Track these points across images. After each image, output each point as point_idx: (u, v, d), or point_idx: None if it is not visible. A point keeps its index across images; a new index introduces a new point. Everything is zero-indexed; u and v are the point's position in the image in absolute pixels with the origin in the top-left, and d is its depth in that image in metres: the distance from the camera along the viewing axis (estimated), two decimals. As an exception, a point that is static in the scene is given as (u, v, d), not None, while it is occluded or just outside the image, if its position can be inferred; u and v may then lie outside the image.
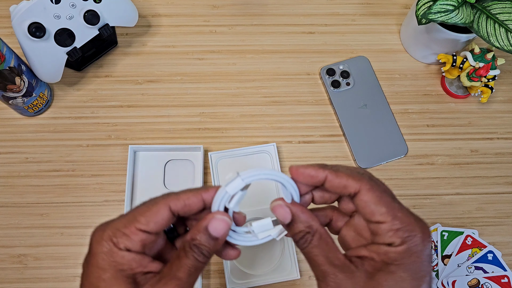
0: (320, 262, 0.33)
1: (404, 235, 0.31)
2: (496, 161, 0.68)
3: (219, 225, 0.33)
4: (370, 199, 0.33)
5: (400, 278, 0.31)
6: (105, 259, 0.32)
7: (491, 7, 0.62)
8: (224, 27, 0.75)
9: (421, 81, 0.72)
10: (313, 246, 0.34)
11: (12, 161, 0.65)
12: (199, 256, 0.33)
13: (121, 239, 0.32)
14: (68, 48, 0.62)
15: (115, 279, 0.32)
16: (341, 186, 0.34)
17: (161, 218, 0.34)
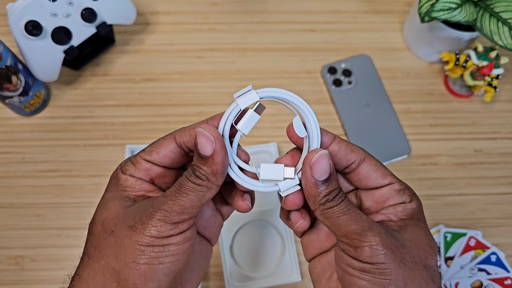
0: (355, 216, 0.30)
1: (410, 193, 0.33)
2: (500, 161, 0.67)
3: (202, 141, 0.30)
4: (377, 164, 0.33)
5: (425, 228, 0.32)
6: (112, 182, 0.33)
7: (494, 5, 0.61)
8: (223, 25, 0.74)
9: (424, 80, 0.71)
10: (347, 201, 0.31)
11: (8, 161, 0.64)
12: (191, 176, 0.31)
13: (127, 167, 0.33)
14: (65, 46, 0.61)
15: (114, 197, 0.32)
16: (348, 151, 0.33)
17: (164, 149, 0.33)
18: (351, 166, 0.33)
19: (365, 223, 0.30)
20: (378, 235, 0.29)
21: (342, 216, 0.30)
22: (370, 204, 0.34)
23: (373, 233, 0.29)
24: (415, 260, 0.30)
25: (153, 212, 0.30)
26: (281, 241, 0.61)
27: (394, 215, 0.32)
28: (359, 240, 0.29)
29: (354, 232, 0.30)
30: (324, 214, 0.31)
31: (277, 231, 0.61)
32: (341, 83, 0.69)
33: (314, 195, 0.31)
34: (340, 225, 0.30)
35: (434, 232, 0.62)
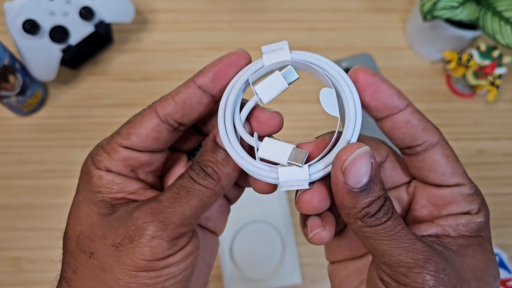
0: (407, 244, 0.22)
1: (479, 200, 0.25)
2: (503, 162, 0.66)
3: None
4: (450, 153, 0.25)
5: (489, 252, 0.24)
6: (82, 179, 0.26)
7: (497, 3, 0.61)
8: (223, 23, 0.73)
9: (426, 79, 0.71)
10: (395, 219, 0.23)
11: (6, 161, 0.64)
12: (197, 175, 0.24)
13: (100, 158, 0.26)
14: (63, 45, 0.61)
15: (86, 201, 0.25)
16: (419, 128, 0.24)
17: (145, 129, 0.25)
18: (416, 148, 0.25)
19: (420, 255, 0.22)
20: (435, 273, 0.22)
21: (388, 241, 0.22)
22: (425, 205, 0.26)
23: (428, 271, 0.22)
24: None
25: (144, 225, 0.23)
26: (282, 243, 0.60)
27: (454, 229, 0.25)
28: (407, 277, 0.22)
29: (402, 265, 0.22)
30: (363, 232, 0.23)
31: (278, 232, 0.60)
32: (342, 82, 0.69)
33: (347, 206, 0.23)
34: (385, 251, 0.22)
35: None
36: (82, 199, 0.25)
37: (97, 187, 0.25)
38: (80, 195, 0.26)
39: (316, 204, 0.24)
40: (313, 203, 0.24)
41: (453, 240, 0.24)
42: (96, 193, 0.25)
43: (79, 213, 0.25)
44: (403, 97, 0.24)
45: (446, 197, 0.25)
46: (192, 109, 0.26)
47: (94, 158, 0.26)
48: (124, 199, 0.25)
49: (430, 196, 0.26)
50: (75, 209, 0.25)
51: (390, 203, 0.23)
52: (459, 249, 0.24)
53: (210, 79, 0.26)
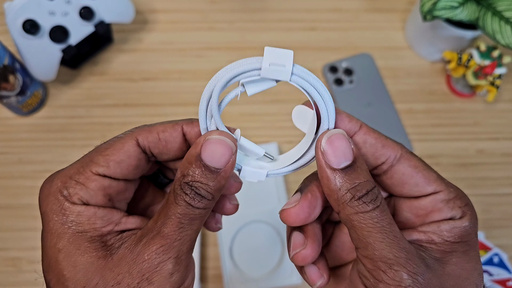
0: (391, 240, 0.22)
1: (462, 205, 0.25)
2: (503, 162, 0.66)
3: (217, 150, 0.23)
4: (418, 164, 0.25)
5: (474, 258, 0.24)
6: (56, 221, 0.23)
7: (497, 3, 0.61)
8: (223, 23, 0.73)
9: (426, 79, 0.71)
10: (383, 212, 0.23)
11: (6, 161, 0.64)
12: (193, 200, 0.23)
13: (73, 190, 0.24)
14: (63, 45, 0.61)
15: (74, 245, 0.23)
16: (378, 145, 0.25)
17: (125, 156, 0.25)
18: (382, 167, 0.25)
19: (403, 253, 0.22)
20: (413, 274, 0.22)
21: (374, 233, 0.22)
22: (408, 217, 0.26)
23: (407, 270, 0.22)
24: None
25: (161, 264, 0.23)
26: (281, 243, 0.60)
27: (438, 235, 0.24)
28: (385, 273, 0.22)
29: (383, 260, 0.22)
30: (351, 220, 0.23)
31: (277, 233, 0.60)
32: (342, 82, 0.69)
33: (333, 189, 0.23)
34: (369, 244, 0.22)
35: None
36: (69, 244, 0.23)
37: (79, 225, 0.23)
38: (64, 239, 0.23)
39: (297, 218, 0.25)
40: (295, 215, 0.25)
41: (437, 247, 0.24)
42: (81, 234, 0.23)
43: (75, 261, 0.23)
44: (354, 120, 0.25)
45: (427, 206, 0.25)
46: (170, 151, 0.26)
47: (64, 191, 0.24)
48: (112, 233, 0.24)
49: (411, 209, 0.26)
50: (65, 256, 0.23)
51: (379, 192, 0.23)
52: (443, 255, 0.24)
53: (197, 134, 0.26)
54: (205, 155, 0.23)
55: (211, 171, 0.23)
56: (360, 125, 0.25)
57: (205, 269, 0.59)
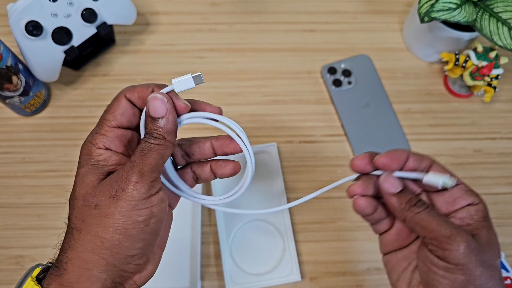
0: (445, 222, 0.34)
1: (475, 194, 0.36)
2: (500, 161, 0.67)
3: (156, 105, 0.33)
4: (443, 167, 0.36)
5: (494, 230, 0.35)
6: (85, 157, 0.34)
7: (494, 5, 0.61)
8: (223, 25, 0.74)
9: (423, 80, 0.71)
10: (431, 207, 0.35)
11: (9, 161, 0.64)
12: (149, 139, 0.33)
13: (98, 139, 0.34)
14: (65, 46, 0.61)
15: (90, 172, 0.33)
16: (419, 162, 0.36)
17: (124, 109, 0.35)
18: None
19: (454, 229, 0.33)
20: (465, 241, 0.32)
21: (431, 221, 0.34)
22: (441, 205, 0.37)
23: (461, 238, 0.32)
24: (490, 262, 0.33)
25: (129, 177, 0.32)
26: (281, 241, 0.61)
27: (469, 219, 0.35)
28: (448, 244, 0.33)
29: (444, 236, 0.33)
30: (414, 219, 0.35)
31: (277, 231, 0.61)
32: (341, 83, 0.69)
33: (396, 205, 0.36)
34: (431, 228, 0.34)
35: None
36: (86, 171, 0.34)
37: (97, 161, 0.34)
38: (84, 168, 0.34)
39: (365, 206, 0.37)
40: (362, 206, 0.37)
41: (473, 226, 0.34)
42: (96, 165, 0.34)
43: (85, 180, 0.33)
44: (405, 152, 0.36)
45: (453, 195, 0.36)
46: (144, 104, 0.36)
47: (93, 141, 0.34)
48: (115, 169, 0.34)
49: (442, 198, 0.37)
50: (80, 178, 0.34)
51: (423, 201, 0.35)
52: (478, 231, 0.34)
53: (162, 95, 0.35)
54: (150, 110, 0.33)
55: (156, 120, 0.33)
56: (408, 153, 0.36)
57: (206, 267, 0.60)
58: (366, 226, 0.62)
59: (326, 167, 0.66)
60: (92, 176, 0.33)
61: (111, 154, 0.34)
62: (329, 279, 0.60)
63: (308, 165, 0.66)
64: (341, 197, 0.64)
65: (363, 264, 0.61)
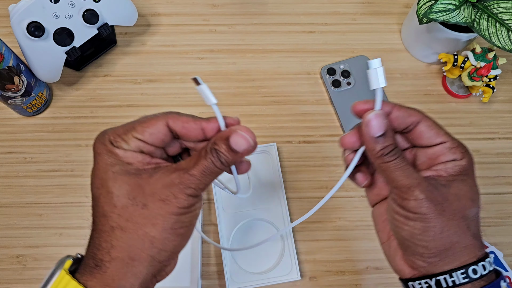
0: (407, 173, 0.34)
1: (463, 151, 0.36)
2: (498, 161, 0.67)
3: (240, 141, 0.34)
4: (432, 124, 0.36)
5: (470, 184, 0.35)
6: (110, 156, 0.33)
7: (492, 6, 0.61)
8: (224, 26, 0.74)
9: (422, 80, 0.72)
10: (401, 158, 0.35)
11: (11, 161, 0.65)
12: (216, 162, 0.34)
13: (120, 143, 0.34)
14: (67, 47, 0.62)
15: (124, 170, 0.33)
16: (406, 116, 0.36)
17: (157, 131, 0.35)
18: (409, 128, 0.36)
19: (415, 180, 0.34)
20: (424, 191, 0.33)
21: (396, 171, 0.34)
22: (424, 161, 0.37)
23: (419, 189, 0.33)
24: (454, 212, 0.34)
25: (184, 189, 0.33)
26: (281, 240, 0.61)
27: (444, 171, 0.35)
28: (407, 193, 0.34)
29: (404, 186, 0.34)
30: (381, 167, 0.35)
31: (277, 230, 0.61)
32: (340, 84, 0.70)
33: (371, 149, 0.35)
34: (393, 178, 0.34)
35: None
36: (120, 170, 0.33)
37: (126, 159, 0.34)
38: (116, 167, 0.33)
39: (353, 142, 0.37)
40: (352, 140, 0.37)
41: (444, 178, 0.35)
42: (129, 164, 0.33)
43: (124, 179, 0.33)
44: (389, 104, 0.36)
45: (436, 152, 0.36)
46: (190, 137, 0.36)
47: (114, 142, 0.34)
48: (150, 164, 0.34)
49: (426, 154, 0.37)
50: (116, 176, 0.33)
51: (398, 149, 0.35)
52: (447, 183, 0.35)
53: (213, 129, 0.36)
54: (232, 140, 0.34)
55: (232, 150, 0.34)
56: (393, 105, 0.36)
57: (207, 266, 0.60)
58: (365, 225, 0.63)
59: (326, 167, 0.66)
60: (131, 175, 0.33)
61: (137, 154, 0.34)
62: (329, 278, 0.61)
63: (307, 165, 0.66)
64: (340, 197, 0.64)
65: (362, 263, 0.61)
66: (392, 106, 0.37)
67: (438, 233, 0.34)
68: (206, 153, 0.34)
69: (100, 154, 0.34)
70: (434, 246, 0.34)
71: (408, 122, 0.36)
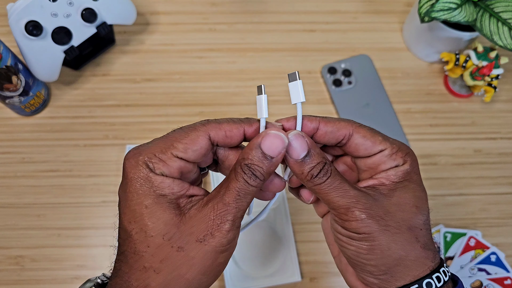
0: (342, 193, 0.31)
1: (403, 155, 0.33)
2: (500, 161, 0.67)
3: (274, 143, 0.31)
4: (366, 133, 0.34)
5: (414, 189, 0.33)
6: (143, 184, 0.30)
7: (494, 5, 0.61)
8: (223, 25, 0.74)
9: (424, 80, 0.71)
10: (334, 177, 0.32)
11: (9, 161, 0.64)
12: (250, 178, 0.30)
13: (158, 165, 0.30)
14: (65, 46, 0.61)
15: (158, 204, 0.30)
16: (335, 130, 0.34)
17: (199, 147, 0.31)
18: (342, 141, 0.34)
19: (352, 199, 0.31)
20: (363, 209, 0.31)
21: (330, 193, 0.31)
22: (365, 170, 0.35)
23: (358, 208, 0.31)
24: (399, 224, 0.31)
25: (221, 224, 0.30)
26: (281, 242, 0.61)
27: (386, 179, 0.33)
28: (346, 215, 0.31)
29: (341, 208, 0.31)
30: (314, 190, 0.32)
31: (277, 232, 0.61)
32: (341, 83, 0.69)
33: (298, 173, 0.32)
34: (329, 200, 0.32)
35: (434, 232, 0.62)
36: (154, 203, 0.30)
37: (161, 190, 0.30)
38: (149, 199, 0.30)
39: None
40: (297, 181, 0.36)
41: (385, 187, 0.33)
42: (163, 196, 0.30)
43: (159, 215, 0.30)
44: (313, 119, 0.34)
45: (376, 161, 0.34)
46: (231, 143, 0.33)
47: (150, 165, 0.30)
48: (184, 196, 0.31)
49: (365, 164, 0.34)
50: (150, 211, 0.30)
51: (329, 166, 0.32)
52: (389, 192, 0.32)
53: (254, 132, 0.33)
54: (264, 145, 0.31)
55: (266, 157, 0.31)
56: (319, 121, 0.34)
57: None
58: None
59: (326, 167, 0.66)
60: (164, 210, 0.30)
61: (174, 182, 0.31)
62: (329, 279, 0.60)
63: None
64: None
65: (363, 264, 0.61)
66: (319, 120, 0.34)
67: (385, 250, 0.31)
68: (236, 173, 0.31)
69: (134, 180, 0.30)
70: (382, 264, 0.31)
71: (339, 136, 0.34)
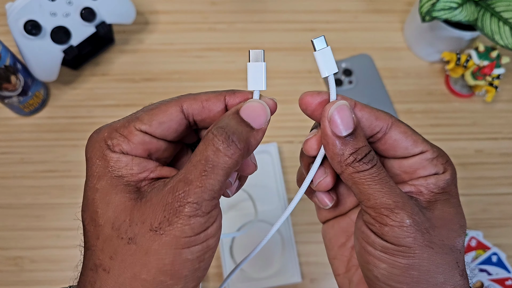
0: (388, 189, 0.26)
1: (444, 162, 0.29)
2: (501, 162, 0.67)
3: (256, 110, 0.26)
4: (407, 130, 0.28)
5: (456, 204, 0.28)
6: (99, 165, 0.26)
7: (495, 4, 0.61)
8: (223, 24, 0.74)
9: (425, 79, 0.71)
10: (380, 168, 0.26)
11: (7, 161, 0.64)
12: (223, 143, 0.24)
13: (117, 141, 0.26)
14: (64, 46, 0.61)
15: (111, 187, 0.25)
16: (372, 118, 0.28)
17: (168, 118, 0.26)
18: (377, 135, 0.28)
19: (399, 198, 0.26)
20: (411, 215, 0.25)
21: (374, 185, 0.26)
22: (398, 173, 0.29)
23: (406, 212, 0.25)
24: (443, 243, 0.26)
25: (181, 208, 0.23)
26: (281, 242, 0.60)
27: (425, 187, 0.28)
28: (388, 217, 0.25)
29: (384, 207, 0.25)
30: (352, 178, 0.26)
31: (277, 232, 0.61)
32: (341, 82, 0.69)
33: (337, 153, 0.26)
34: (370, 194, 0.26)
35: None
36: (107, 185, 0.25)
37: (117, 170, 0.25)
38: (103, 181, 0.25)
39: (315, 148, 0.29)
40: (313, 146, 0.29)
41: (424, 198, 0.28)
42: (119, 177, 0.25)
43: (109, 200, 0.25)
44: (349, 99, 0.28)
45: (414, 164, 0.28)
46: (212, 119, 0.28)
47: (108, 141, 0.26)
48: (146, 179, 0.26)
49: (400, 167, 0.29)
50: (101, 195, 0.25)
51: (374, 154, 0.27)
52: (429, 204, 0.27)
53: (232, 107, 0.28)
54: (244, 111, 0.26)
55: (246, 124, 0.25)
56: (355, 103, 0.28)
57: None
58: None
59: (327, 167, 0.65)
60: (118, 194, 0.25)
61: (134, 159, 0.26)
62: (330, 280, 0.60)
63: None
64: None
65: (364, 265, 0.61)
66: (355, 103, 0.28)
67: (423, 273, 0.25)
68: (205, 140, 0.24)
69: (89, 161, 0.26)
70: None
71: (375, 127, 0.28)
